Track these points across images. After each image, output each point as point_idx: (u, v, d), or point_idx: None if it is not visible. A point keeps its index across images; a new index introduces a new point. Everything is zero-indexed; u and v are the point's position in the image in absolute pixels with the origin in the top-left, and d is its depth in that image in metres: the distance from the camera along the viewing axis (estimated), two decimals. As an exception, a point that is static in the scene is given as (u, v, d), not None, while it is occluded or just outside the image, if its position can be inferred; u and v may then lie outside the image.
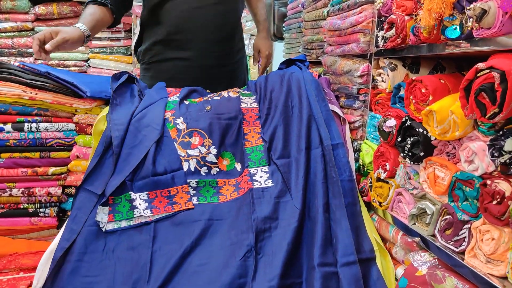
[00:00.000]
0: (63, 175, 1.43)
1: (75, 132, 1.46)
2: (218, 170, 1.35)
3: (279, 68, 1.76)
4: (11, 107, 1.39)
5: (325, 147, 1.31)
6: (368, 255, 1.14)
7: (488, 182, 0.83)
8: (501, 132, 0.82)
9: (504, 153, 0.80)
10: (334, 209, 1.20)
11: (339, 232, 1.14)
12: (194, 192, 1.29)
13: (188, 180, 1.30)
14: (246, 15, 2.86)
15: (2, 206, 1.40)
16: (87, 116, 1.47)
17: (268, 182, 1.27)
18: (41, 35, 1.35)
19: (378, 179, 1.22)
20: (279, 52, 2.57)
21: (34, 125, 1.40)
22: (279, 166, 1.29)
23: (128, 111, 1.40)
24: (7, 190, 1.38)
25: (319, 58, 1.71)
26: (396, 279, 1.12)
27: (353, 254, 1.10)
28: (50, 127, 1.42)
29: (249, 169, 1.31)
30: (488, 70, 0.79)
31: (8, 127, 1.38)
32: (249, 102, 1.50)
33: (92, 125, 1.41)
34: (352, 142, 1.42)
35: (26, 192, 1.39)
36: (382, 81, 1.29)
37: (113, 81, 1.49)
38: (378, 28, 1.29)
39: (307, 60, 1.80)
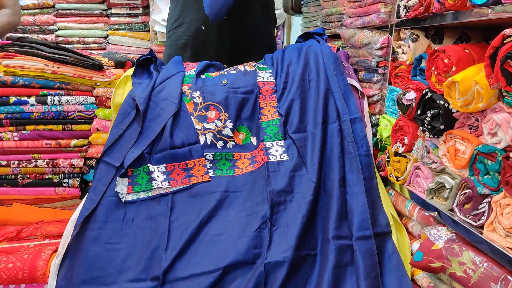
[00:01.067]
0: (84, 147, 1.46)
1: (95, 105, 1.48)
2: (234, 143, 1.35)
3: (296, 42, 1.72)
4: (34, 81, 1.42)
5: (342, 121, 1.29)
6: (384, 229, 1.13)
7: (511, 155, 0.80)
8: (527, 103, 0.78)
9: (529, 124, 0.76)
10: (351, 183, 1.18)
11: (355, 207, 1.14)
12: (211, 165, 1.30)
13: (205, 153, 1.31)
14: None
15: (29, 176, 1.44)
16: (107, 90, 1.48)
17: (284, 156, 1.26)
18: None
19: (396, 154, 1.20)
20: (297, 26, 2.51)
21: (56, 98, 1.43)
22: (295, 140, 1.28)
23: (147, 86, 1.41)
24: (33, 161, 1.43)
25: (337, 31, 1.66)
26: (412, 253, 1.11)
27: (369, 229, 1.09)
28: (71, 100, 1.44)
29: (264, 143, 1.30)
30: (516, 37, 0.74)
31: (32, 100, 1.42)
32: (265, 76, 1.48)
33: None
34: (370, 117, 1.39)
35: (51, 163, 1.43)
36: (403, 53, 1.24)
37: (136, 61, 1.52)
38: (401, -3, 1.23)
39: (325, 33, 1.75)
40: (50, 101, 1.43)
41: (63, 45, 1.65)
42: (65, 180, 1.46)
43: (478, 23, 1.01)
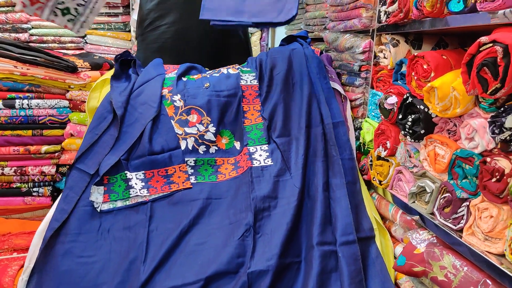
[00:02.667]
0: (56, 154, 1.44)
1: (68, 109, 1.46)
2: (216, 148, 1.37)
3: (280, 45, 1.75)
4: (1, 83, 1.39)
5: (325, 125, 1.32)
6: (368, 234, 1.17)
7: (488, 159, 0.84)
8: (502, 109, 0.83)
9: (504, 130, 0.81)
10: (334, 188, 1.22)
11: (339, 211, 1.17)
12: (192, 171, 1.31)
13: (186, 159, 1.31)
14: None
15: (-5, 185, 1.42)
16: (81, 93, 1.47)
17: (268, 161, 1.28)
18: None
19: (379, 157, 1.24)
20: (281, 29, 2.55)
21: (25, 101, 1.40)
22: (279, 144, 1.31)
23: (125, 90, 1.40)
24: (-1, 169, 1.40)
25: (321, 34, 1.70)
26: (395, 257, 1.15)
27: (353, 234, 1.12)
28: (42, 104, 1.43)
29: (248, 147, 1.32)
30: (491, 44, 0.79)
31: (-2, 103, 1.39)
32: (249, 79, 1.50)
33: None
34: (353, 120, 1.43)
35: (19, 171, 1.41)
36: (384, 57, 1.29)
37: (115, 64, 1.51)
38: (381, 3, 1.28)
39: (309, 36, 1.79)
40: (19, 104, 1.41)
41: (34, 46, 1.61)
42: (34, 189, 1.44)
43: (455, 29, 1.07)
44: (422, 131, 1.04)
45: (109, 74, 1.48)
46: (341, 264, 1.07)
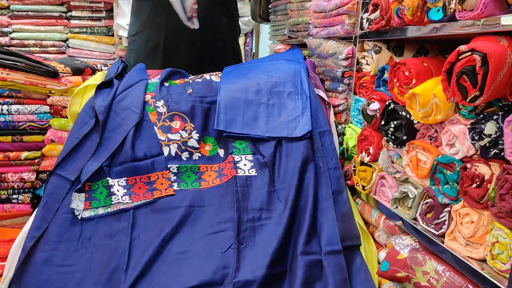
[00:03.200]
0: (37, 160, 1.39)
1: (49, 114, 1.42)
2: (200, 155, 1.34)
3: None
4: (-20, 89, 1.35)
5: (313, 135, 1.32)
6: (354, 243, 1.16)
7: (468, 165, 0.84)
8: (481, 116, 0.83)
9: (484, 136, 0.81)
10: (320, 198, 1.21)
11: (325, 222, 1.15)
12: (175, 177, 1.28)
13: (169, 166, 1.28)
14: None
15: (-27, 192, 1.36)
16: (63, 98, 1.43)
17: (252, 171, 1.26)
18: None
19: (362, 163, 1.23)
20: (266, 34, 2.54)
21: (5, 107, 1.36)
22: (265, 155, 1.28)
23: (108, 95, 1.37)
24: (-22, 175, 1.35)
25: (304, 40, 1.69)
26: (379, 263, 1.14)
27: (338, 244, 1.11)
28: (22, 110, 1.38)
29: (233, 156, 1.29)
30: (469, 53, 0.79)
31: (-23, 109, 1.34)
32: None
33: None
34: (336, 126, 1.42)
35: (-2, 177, 1.36)
36: (367, 64, 1.29)
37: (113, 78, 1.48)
38: (363, 10, 1.28)
39: (295, 44, 1.79)
40: (-2, 110, 1.36)
41: (15, 50, 1.57)
42: (14, 196, 1.39)
43: (435, 37, 1.07)
44: (404, 137, 1.04)
45: (92, 79, 1.45)
46: (327, 274, 1.06)
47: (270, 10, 2.24)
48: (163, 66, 1.67)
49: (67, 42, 2.93)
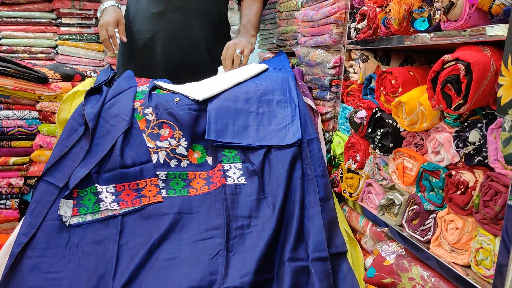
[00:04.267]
0: (25, 165, 1.36)
1: (38, 120, 1.39)
2: (188, 162, 1.32)
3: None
4: (-31, 93, 1.31)
5: (302, 143, 1.31)
6: (340, 250, 1.14)
7: (453, 172, 0.84)
8: (466, 124, 0.83)
9: (468, 144, 0.81)
10: (308, 206, 1.19)
11: (312, 229, 1.14)
12: (163, 184, 1.25)
13: (157, 173, 1.26)
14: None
15: (-41, 197, 1.32)
16: (52, 104, 1.40)
17: (241, 179, 1.24)
18: (106, 33, 1.57)
19: (349, 170, 1.23)
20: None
21: (-7, 112, 1.33)
22: (254, 163, 1.27)
23: (98, 102, 1.34)
24: (-36, 180, 1.31)
25: (293, 49, 1.69)
26: (365, 269, 1.13)
27: (325, 250, 1.10)
28: (11, 115, 1.35)
29: (223, 164, 1.27)
30: (454, 62, 0.79)
31: (-34, 114, 1.31)
32: None
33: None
34: (324, 134, 1.42)
35: (-15, 183, 1.32)
36: (354, 72, 1.29)
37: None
38: (351, 20, 1.28)
39: (281, 50, 1.79)
40: (-14, 115, 1.32)
41: (4, 56, 1.53)
42: (2, 201, 1.35)
43: (421, 47, 1.08)
44: (391, 145, 1.03)
45: (81, 86, 1.42)
46: (313, 280, 1.04)
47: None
48: (137, 75, 1.65)
49: (56, 49, 2.88)
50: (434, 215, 0.90)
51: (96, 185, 1.19)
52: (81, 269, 1.07)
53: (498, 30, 0.73)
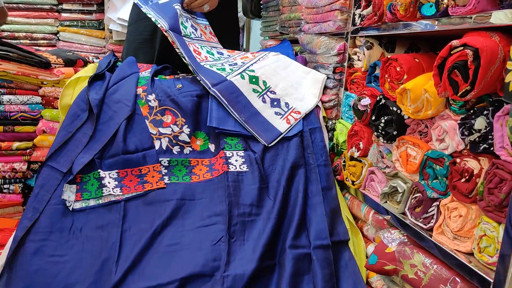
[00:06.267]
0: (28, 150, 1.35)
1: (41, 105, 1.37)
2: (191, 149, 1.31)
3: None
4: (-28, 78, 1.30)
5: (303, 133, 1.29)
6: (342, 238, 1.14)
7: (458, 160, 0.83)
8: (471, 111, 0.82)
9: (474, 131, 0.79)
10: (310, 195, 1.19)
11: (314, 217, 1.14)
12: (166, 171, 1.25)
13: (160, 159, 1.25)
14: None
15: (-37, 181, 1.32)
16: (54, 89, 1.38)
17: (244, 167, 1.23)
18: None
19: (352, 158, 1.22)
20: (256, 30, 2.51)
21: (-3, 97, 1.31)
22: (257, 152, 1.26)
23: (101, 88, 1.33)
24: (-31, 165, 1.30)
25: (296, 36, 1.66)
26: (367, 257, 1.13)
27: (327, 238, 1.10)
28: (14, 100, 1.33)
29: (225, 151, 1.26)
30: (461, 48, 0.77)
31: (-31, 99, 1.29)
32: None
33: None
34: (327, 122, 1.40)
35: (-11, 167, 1.32)
36: (358, 60, 1.26)
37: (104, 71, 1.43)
38: (356, 6, 1.26)
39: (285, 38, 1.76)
40: (-10, 100, 1.31)
41: (7, 41, 1.51)
42: (5, 186, 1.34)
43: (427, 34, 1.05)
44: (395, 132, 1.02)
45: (84, 71, 1.40)
46: (315, 267, 1.04)
47: (261, 6, 2.21)
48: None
49: (58, 35, 2.85)
50: (438, 203, 0.89)
51: (99, 170, 1.19)
52: (84, 253, 1.07)
53: (506, 16, 0.71)
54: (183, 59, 1.41)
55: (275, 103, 1.39)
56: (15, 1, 2.75)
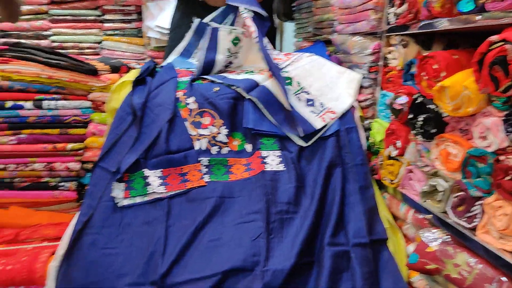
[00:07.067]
0: (80, 151, 1.44)
1: (91, 109, 1.46)
2: (228, 149, 1.34)
3: None
4: (31, 85, 1.40)
5: (339, 132, 1.29)
6: (380, 236, 1.13)
7: (502, 157, 0.80)
8: (516, 107, 0.79)
9: (519, 128, 0.76)
10: (347, 194, 1.19)
11: (352, 216, 1.14)
12: (206, 170, 1.29)
13: (200, 159, 1.29)
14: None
15: (25, 180, 1.42)
16: (102, 94, 1.46)
17: (280, 167, 1.25)
18: None
19: (389, 157, 1.20)
20: (289, 32, 2.51)
21: (52, 102, 1.42)
22: (293, 152, 1.27)
23: (143, 92, 1.39)
24: (30, 164, 1.40)
25: (329, 37, 1.66)
26: (407, 256, 1.11)
27: (365, 237, 1.09)
28: (67, 105, 1.43)
29: (261, 151, 1.28)
30: (501, 43, 0.75)
31: (28, 104, 1.40)
32: None
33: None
34: (363, 121, 1.39)
35: (47, 166, 1.41)
36: (393, 58, 1.24)
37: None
38: (390, 5, 1.24)
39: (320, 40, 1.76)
40: (46, 105, 1.41)
41: (59, 51, 1.62)
42: (61, 184, 1.44)
43: (465, 30, 1.02)
44: (433, 130, 0.99)
45: (127, 76, 1.47)
46: (354, 265, 1.04)
47: (294, 9, 2.21)
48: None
49: (101, 44, 2.99)
50: (481, 202, 0.86)
51: (144, 169, 1.24)
52: (133, 247, 1.13)
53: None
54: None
55: (310, 102, 1.39)
56: (63, 14, 2.91)
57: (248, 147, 1.35)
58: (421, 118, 1.02)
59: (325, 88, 1.42)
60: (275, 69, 1.39)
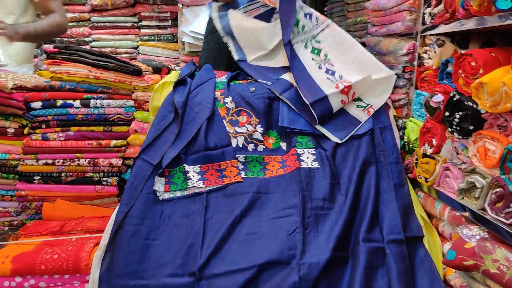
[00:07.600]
0: (123, 148, 1.52)
1: (133, 108, 1.54)
2: (264, 147, 1.38)
3: None
4: (79, 85, 1.49)
5: (374, 131, 1.31)
6: (416, 234, 1.14)
7: (544, 153, 0.80)
8: (559, 102, 0.78)
9: (562, 123, 0.76)
10: (382, 191, 1.20)
11: (386, 213, 1.15)
12: (242, 166, 1.33)
13: (237, 155, 1.34)
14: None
15: (71, 174, 1.50)
16: (145, 94, 1.54)
17: (315, 164, 1.27)
18: None
19: (424, 155, 1.20)
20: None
21: (98, 101, 1.50)
22: (328, 149, 1.30)
23: (184, 92, 1.46)
24: (76, 159, 1.49)
25: (363, 39, 1.68)
26: (443, 255, 1.10)
27: (401, 233, 1.10)
28: (112, 104, 1.51)
29: (296, 149, 1.32)
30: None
31: (77, 103, 1.49)
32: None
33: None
34: (397, 121, 1.40)
35: (92, 162, 1.49)
36: (429, 58, 1.25)
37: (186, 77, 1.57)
38: (425, 5, 1.25)
39: None
40: (93, 104, 1.50)
41: (105, 53, 1.72)
42: (104, 179, 1.51)
43: (503, 28, 1.02)
44: (471, 127, 1.00)
45: (168, 77, 1.54)
46: (389, 261, 1.05)
47: (325, 13, 2.24)
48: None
49: (138, 49, 3.13)
50: (521, 197, 0.86)
51: (184, 165, 1.30)
52: (173, 238, 1.17)
53: None
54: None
55: (330, 72, 1.45)
56: (102, 21, 3.08)
57: (283, 145, 1.38)
58: (458, 115, 1.03)
59: (351, 65, 1.44)
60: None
